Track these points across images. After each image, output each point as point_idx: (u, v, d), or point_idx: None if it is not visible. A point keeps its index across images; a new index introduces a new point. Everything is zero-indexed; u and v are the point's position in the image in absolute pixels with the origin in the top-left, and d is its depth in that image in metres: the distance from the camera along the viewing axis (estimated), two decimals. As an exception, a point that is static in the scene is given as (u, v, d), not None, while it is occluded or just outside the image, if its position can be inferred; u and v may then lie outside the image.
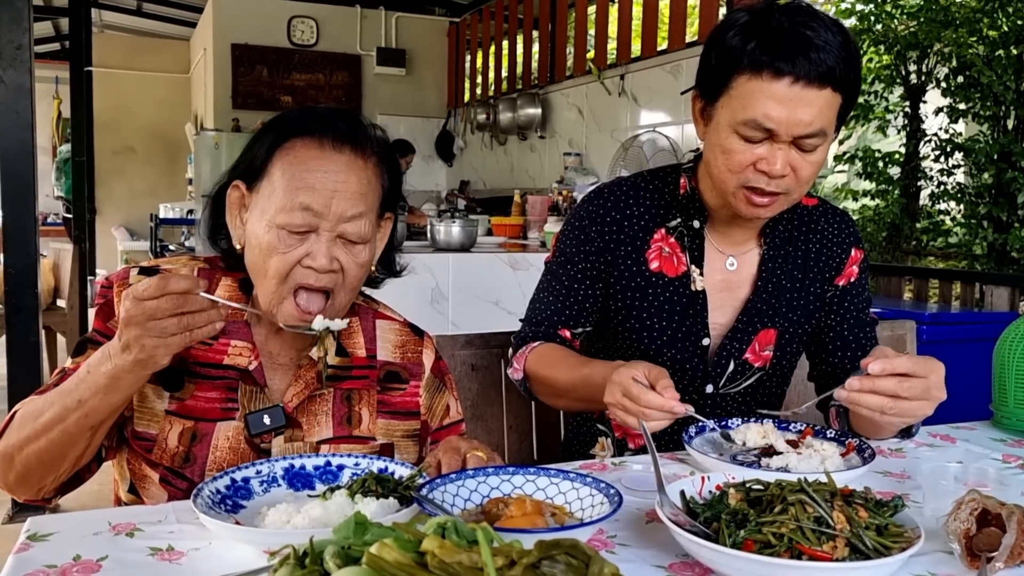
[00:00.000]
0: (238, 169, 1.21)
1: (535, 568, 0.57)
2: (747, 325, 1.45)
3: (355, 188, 1.16)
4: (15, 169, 3.26)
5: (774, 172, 1.27)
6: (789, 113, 1.24)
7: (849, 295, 1.50)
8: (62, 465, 1.12)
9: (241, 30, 7.89)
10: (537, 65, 6.89)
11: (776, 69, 1.23)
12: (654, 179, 1.51)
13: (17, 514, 3.26)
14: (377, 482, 1.01)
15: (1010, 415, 1.51)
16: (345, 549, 0.62)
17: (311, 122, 1.17)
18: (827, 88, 1.24)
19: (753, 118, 1.26)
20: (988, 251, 5.30)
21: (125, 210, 10.08)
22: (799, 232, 1.49)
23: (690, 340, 1.45)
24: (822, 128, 1.26)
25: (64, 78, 8.48)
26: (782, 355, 1.49)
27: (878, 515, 0.88)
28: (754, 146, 1.28)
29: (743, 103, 1.27)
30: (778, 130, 1.25)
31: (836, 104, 1.28)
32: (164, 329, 1.00)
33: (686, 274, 1.45)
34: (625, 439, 1.51)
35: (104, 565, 0.87)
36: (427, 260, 4.05)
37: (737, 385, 1.48)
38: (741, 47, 1.26)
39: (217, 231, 1.26)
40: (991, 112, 5.25)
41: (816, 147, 1.29)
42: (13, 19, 3.19)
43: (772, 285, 1.46)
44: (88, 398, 1.06)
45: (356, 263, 1.18)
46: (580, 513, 0.97)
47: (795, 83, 1.23)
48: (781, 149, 1.27)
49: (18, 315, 3.31)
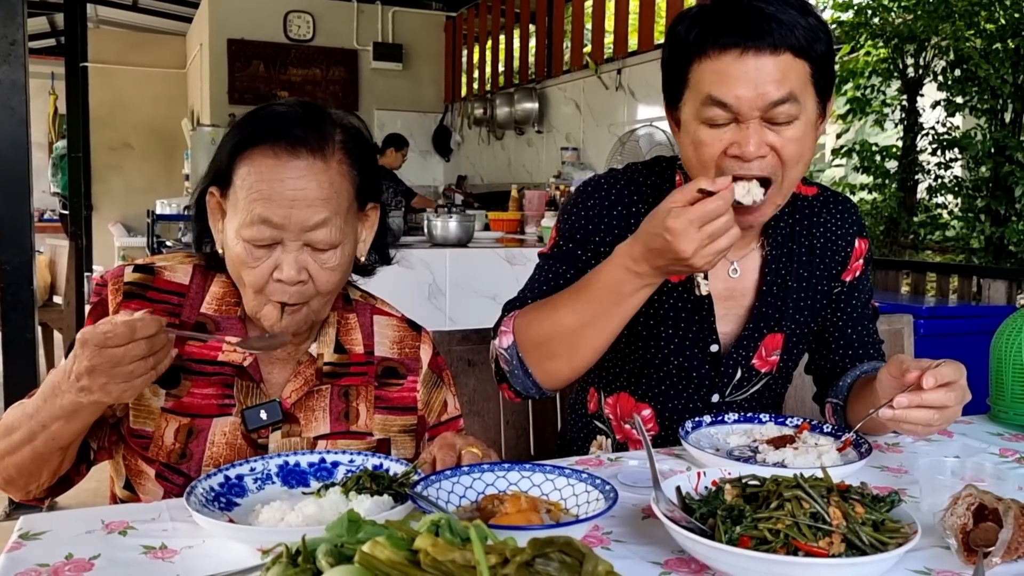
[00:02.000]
0: (208, 175, 1.19)
1: (528, 566, 0.57)
2: (753, 331, 1.40)
3: (315, 194, 1.12)
4: (10, 165, 3.26)
5: (747, 154, 1.19)
6: (745, 83, 1.17)
7: (855, 291, 1.47)
8: (41, 476, 1.12)
9: (237, 25, 7.87)
10: (534, 60, 6.88)
11: (721, 44, 1.18)
12: (651, 174, 1.43)
13: (13, 511, 3.26)
14: (372, 479, 1.00)
15: (1007, 409, 1.50)
16: (338, 547, 0.61)
17: (266, 128, 1.13)
18: (784, 53, 1.17)
19: (708, 93, 1.19)
20: (985, 245, 5.30)
21: (122, 206, 10.06)
22: (800, 227, 1.42)
23: (698, 347, 1.39)
24: (789, 93, 1.17)
25: (60, 74, 8.47)
26: (788, 358, 1.45)
27: (874, 510, 0.87)
28: (721, 131, 1.20)
29: (699, 88, 1.21)
30: (738, 105, 1.18)
31: (802, 71, 1.19)
32: (131, 373, 0.98)
33: (690, 279, 1.37)
34: (627, 442, 1.47)
35: (97, 564, 0.87)
36: (424, 255, 4.04)
37: (743, 392, 1.45)
38: (687, 35, 1.22)
39: (202, 236, 1.24)
40: (988, 106, 5.24)
41: (791, 119, 1.19)
42: (7, 14, 3.18)
43: (777, 288, 1.40)
44: (50, 423, 1.05)
45: (326, 269, 1.15)
46: (576, 509, 0.97)
47: (744, 53, 1.17)
48: (750, 127, 1.18)
49: (14, 312, 3.31)
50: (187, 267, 1.24)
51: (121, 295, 1.19)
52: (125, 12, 9.40)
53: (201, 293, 1.23)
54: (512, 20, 7.24)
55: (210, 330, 1.21)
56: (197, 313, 1.21)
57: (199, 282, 1.23)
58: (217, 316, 1.22)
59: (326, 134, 1.15)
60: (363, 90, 8.34)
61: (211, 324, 1.21)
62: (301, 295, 1.15)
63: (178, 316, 1.21)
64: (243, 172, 1.13)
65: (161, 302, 1.20)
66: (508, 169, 7.37)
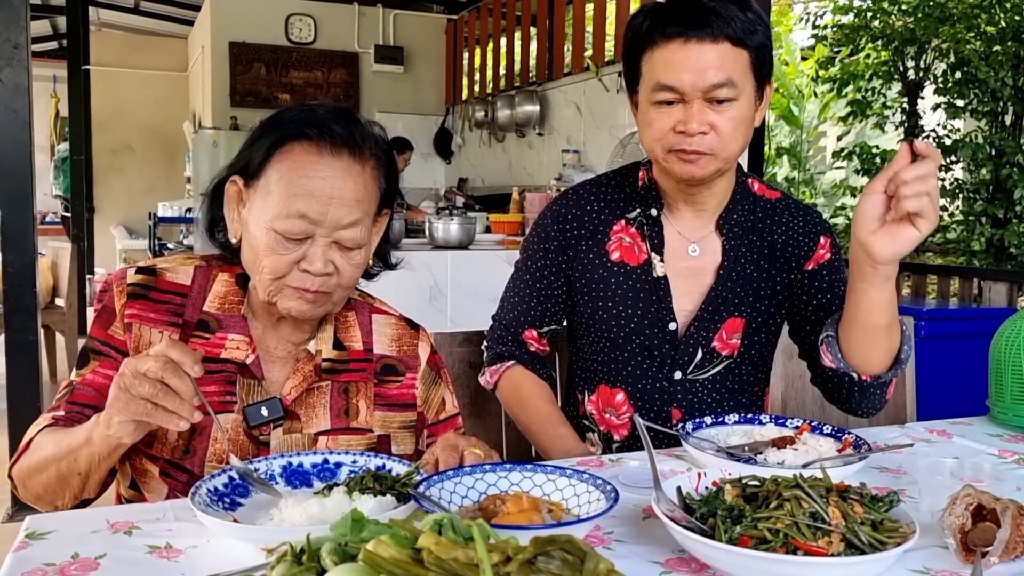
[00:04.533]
0: (235, 166, 1.21)
1: (531, 564, 0.57)
2: (713, 313, 1.48)
3: (351, 195, 1.15)
4: (13, 168, 3.26)
5: (690, 130, 1.34)
6: (688, 69, 1.32)
7: (822, 273, 1.51)
8: (67, 496, 1.14)
9: (239, 28, 7.88)
10: (535, 62, 6.88)
11: (668, 34, 1.34)
12: (616, 176, 1.58)
13: (17, 513, 3.26)
14: (374, 479, 1.01)
15: (1006, 411, 1.51)
16: (342, 546, 0.62)
17: (310, 125, 1.16)
18: (723, 42, 1.32)
19: (657, 80, 1.35)
20: (986, 247, 5.30)
21: (123, 208, 10.07)
22: (763, 224, 1.52)
23: (657, 326, 1.48)
24: (727, 79, 1.32)
25: (62, 76, 8.48)
26: (750, 344, 1.51)
27: (873, 510, 0.88)
28: (670, 110, 1.36)
29: (651, 74, 1.37)
30: (682, 87, 1.33)
31: (741, 59, 1.34)
32: (132, 406, 0.98)
33: (647, 262, 1.49)
34: (610, 432, 1.54)
35: (102, 563, 0.87)
36: (425, 257, 4.05)
37: (704, 372, 1.51)
38: (639, 28, 1.39)
39: (215, 224, 1.26)
40: (988, 108, 5.25)
41: (730, 100, 1.34)
42: (10, 17, 3.19)
43: (736, 274, 1.49)
44: (76, 447, 1.08)
45: (351, 265, 1.19)
46: (577, 509, 0.97)
47: (688, 41, 1.32)
48: (693, 107, 1.34)
49: (16, 314, 3.31)
50: (188, 268, 1.26)
51: (125, 296, 1.21)
52: (127, 15, 9.41)
53: (203, 293, 1.24)
54: (513, 23, 7.25)
55: (213, 328, 1.22)
56: (200, 312, 1.23)
57: (201, 282, 1.25)
58: (220, 315, 1.23)
59: (365, 138, 1.19)
60: (364, 92, 8.35)
61: (214, 322, 1.22)
62: (326, 285, 1.17)
63: (181, 316, 1.22)
64: (283, 166, 1.15)
65: (164, 302, 1.22)
66: (509, 171, 7.38)
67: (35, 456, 1.13)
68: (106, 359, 1.20)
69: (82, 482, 1.11)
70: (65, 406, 1.18)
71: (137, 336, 1.20)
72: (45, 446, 1.12)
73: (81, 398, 1.19)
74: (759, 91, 1.40)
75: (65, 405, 1.18)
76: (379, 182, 1.22)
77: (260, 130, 1.21)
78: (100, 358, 1.20)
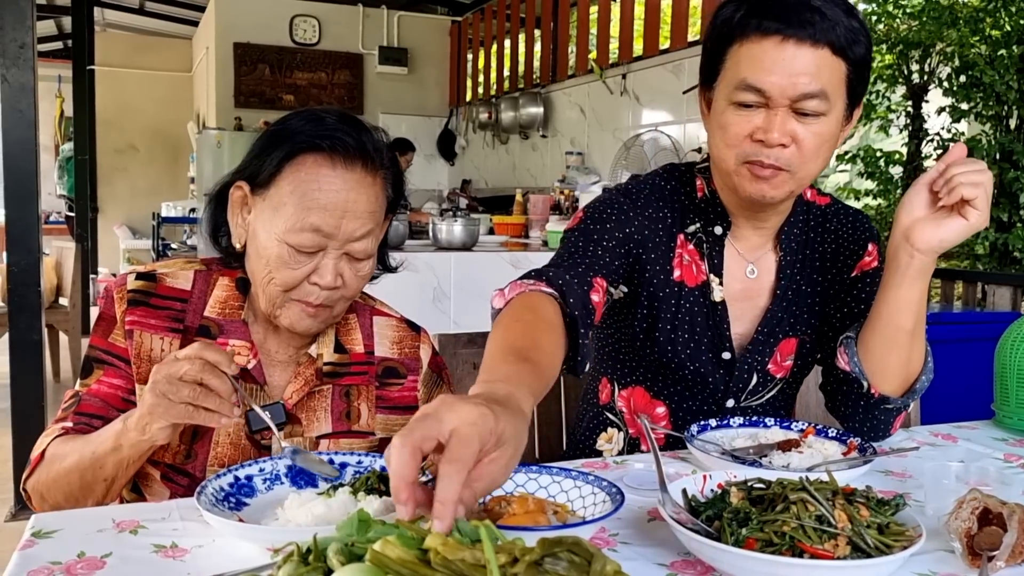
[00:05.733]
0: (242, 173, 1.21)
1: (538, 565, 0.57)
2: (768, 336, 1.39)
3: (364, 207, 1.16)
4: (18, 167, 3.26)
5: (771, 140, 1.20)
6: (779, 71, 1.18)
7: (865, 280, 1.41)
8: (88, 504, 1.14)
9: (243, 29, 7.90)
10: (539, 64, 6.89)
11: (764, 28, 1.19)
12: (670, 179, 1.41)
13: (20, 511, 3.27)
14: (380, 480, 1.01)
15: (1012, 415, 1.51)
16: (348, 546, 0.62)
17: (321, 136, 1.16)
18: (824, 48, 1.18)
19: (743, 78, 1.20)
20: (990, 251, 5.29)
21: (127, 208, 10.09)
22: (815, 233, 1.42)
23: (712, 353, 1.38)
24: (821, 90, 1.18)
25: (67, 76, 8.50)
26: (802, 364, 1.43)
27: (879, 514, 0.88)
28: (750, 115, 1.21)
29: (735, 70, 1.22)
30: (770, 91, 1.19)
31: (839, 70, 1.20)
32: (171, 402, 1.00)
33: (706, 283, 1.37)
34: (638, 439, 1.45)
35: (108, 562, 0.87)
36: (429, 259, 4.05)
37: (759, 398, 1.43)
38: (731, 18, 1.23)
39: (218, 228, 1.27)
40: (993, 112, 5.24)
41: (818, 114, 1.20)
42: (17, 18, 3.20)
43: (792, 292, 1.39)
44: (100, 452, 1.09)
45: (358, 276, 1.20)
46: (582, 511, 0.97)
47: (785, 40, 1.17)
48: (778, 115, 1.19)
49: (21, 313, 3.32)
50: (188, 273, 1.25)
51: (125, 303, 1.21)
52: (132, 16, 9.44)
53: (203, 298, 1.24)
54: (517, 25, 7.26)
55: (214, 334, 1.22)
56: (201, 317, 1.23)
57: (201, 287, 1.25)
58: (221, 320, 1.23)
59: (377, 148, 1.19)
60: (368, 94, 8.36)
61: (215, 328, 1.22)
62: (330, 298, 1.18)
63: (182, 321, 1.22)
64: (296, 178, 1.15)
65: (164, 308, 1.22)
66: (513, 173, 7.38)
67: (55, 467, 1.12)
68: (109, 368, 1.20)
69: (107, 488, 1.11)
70: (73, 417, 1.18)
71: (138, 343, 1.20)
72: (65, 456, 1.12)
73: (88, 409, 1.18)
74: (849, 110, 1.26)
75: (73, 416, 1.18)
76: (387, 192, 1.22)
77: (268, 139, 1.20)
78: (103, 367, 1.21)
